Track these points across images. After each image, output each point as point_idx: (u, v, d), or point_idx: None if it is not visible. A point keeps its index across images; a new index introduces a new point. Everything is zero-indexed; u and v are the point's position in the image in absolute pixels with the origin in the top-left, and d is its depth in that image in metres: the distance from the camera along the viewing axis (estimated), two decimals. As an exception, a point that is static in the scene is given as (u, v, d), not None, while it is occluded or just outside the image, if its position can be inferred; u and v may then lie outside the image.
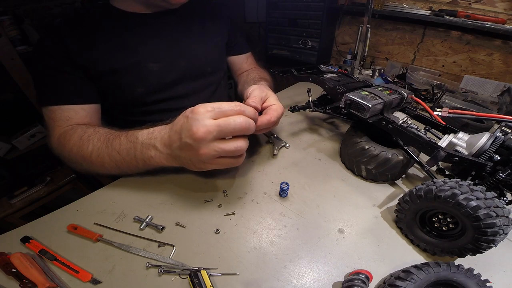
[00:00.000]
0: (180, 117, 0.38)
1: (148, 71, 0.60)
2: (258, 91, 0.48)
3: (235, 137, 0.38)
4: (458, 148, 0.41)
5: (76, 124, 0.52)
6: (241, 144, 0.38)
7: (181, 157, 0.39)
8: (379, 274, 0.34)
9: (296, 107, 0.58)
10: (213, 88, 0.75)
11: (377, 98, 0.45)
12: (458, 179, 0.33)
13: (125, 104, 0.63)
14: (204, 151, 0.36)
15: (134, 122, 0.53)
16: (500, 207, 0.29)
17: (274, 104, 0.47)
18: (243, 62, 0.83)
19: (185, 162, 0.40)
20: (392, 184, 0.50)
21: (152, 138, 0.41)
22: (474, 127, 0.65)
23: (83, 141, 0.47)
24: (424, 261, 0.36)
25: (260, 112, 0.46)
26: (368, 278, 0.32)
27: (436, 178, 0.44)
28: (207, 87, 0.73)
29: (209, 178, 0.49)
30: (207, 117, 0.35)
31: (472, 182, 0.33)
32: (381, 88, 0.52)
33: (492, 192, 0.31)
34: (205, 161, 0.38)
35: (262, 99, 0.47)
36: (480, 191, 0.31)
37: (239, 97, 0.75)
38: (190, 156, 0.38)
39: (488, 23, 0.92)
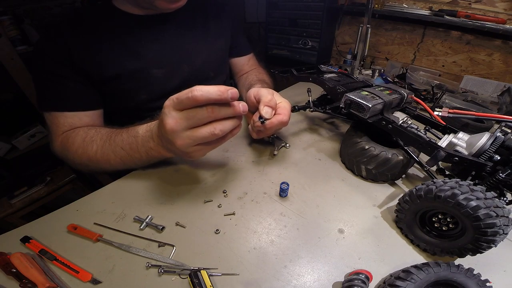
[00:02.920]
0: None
1: (152, 77, 0.59)
2: (265, 91, 0.48)
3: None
4: (458, 148, 0.41)
5: (79, 127, 0.52)
6: (216, 129, 0.35)
7: (170, 149, 0.40)
8: (379, 274, 0.34)
9: (296, 107, 0.58)
10: None
11: (377, 98, 0.45)
12: (458, 179, 0.33)
13: (127, 109, 0.63)
14: (179, 142, 0.36)
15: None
16: (500, 207, 0.29)
17: (281, 101, 0.48)
18: (244, 63, 0.82)
19: (176, 153, 0.41)
20: (392, 184, 0.50)
21: (149, 131, 0.43)
22: (474, 127, 0.65)
23: (86, 142, 0.48)
24: (424, 261, 0.36)
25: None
26: (368, 278, 0.32)
27: (436, 178, 0.44)
28: None
29: (209, 178, 0.49)
30: (172, 109, 0.35)
31: (472, 182, 0.33)
32: (381, 88, 0.52)
33: (492, 192, 0.31)
34: (185, 150, 0.37)
35: (273, 100, 0.47)
36: (480, 191, 0.30)
37: (240, 98, 0.76)
38: (174, 148, 0.38)
39: (488, 23, 0.92)
